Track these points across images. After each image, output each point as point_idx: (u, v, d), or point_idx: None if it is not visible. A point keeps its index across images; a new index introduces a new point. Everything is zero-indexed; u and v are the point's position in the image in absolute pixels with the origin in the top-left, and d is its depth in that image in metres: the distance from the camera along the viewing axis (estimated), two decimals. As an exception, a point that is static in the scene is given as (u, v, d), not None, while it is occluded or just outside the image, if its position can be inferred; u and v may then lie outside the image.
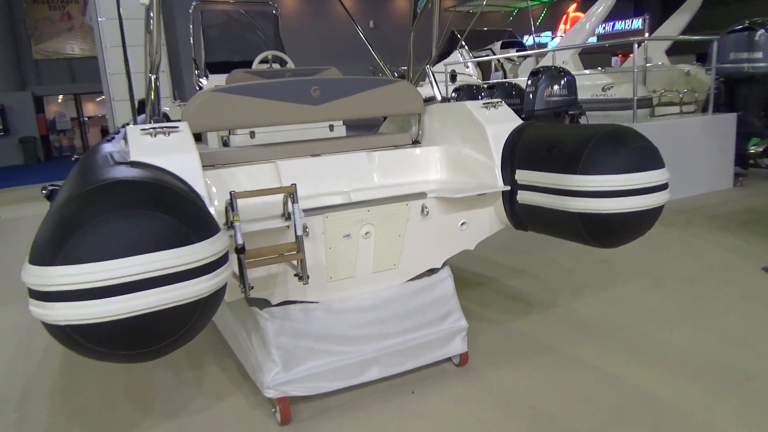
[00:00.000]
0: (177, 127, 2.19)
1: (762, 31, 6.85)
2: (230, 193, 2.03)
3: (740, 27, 7.02)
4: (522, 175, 2.55)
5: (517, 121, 2.75)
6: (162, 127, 2.17)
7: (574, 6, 16.85)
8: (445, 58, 11.51)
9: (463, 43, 11.15)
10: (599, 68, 8.39)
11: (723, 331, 3.09)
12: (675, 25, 9.21)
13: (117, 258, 1.47)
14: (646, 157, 2.31)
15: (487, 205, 2.74)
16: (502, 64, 11.61)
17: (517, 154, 2.60)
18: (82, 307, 1.47)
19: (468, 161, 2.79)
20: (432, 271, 2.77)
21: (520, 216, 2.64)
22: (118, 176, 1.66)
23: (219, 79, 4.12)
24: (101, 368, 3.08)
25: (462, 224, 2.70)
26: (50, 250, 1.48)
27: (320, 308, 2.50)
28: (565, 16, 17.45)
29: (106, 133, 33.28)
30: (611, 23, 17.54)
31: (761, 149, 7.13)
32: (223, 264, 1.70)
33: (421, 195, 2.53)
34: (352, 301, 2.56)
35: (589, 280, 3.98)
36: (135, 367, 3.07)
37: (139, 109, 6.05)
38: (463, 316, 2.80)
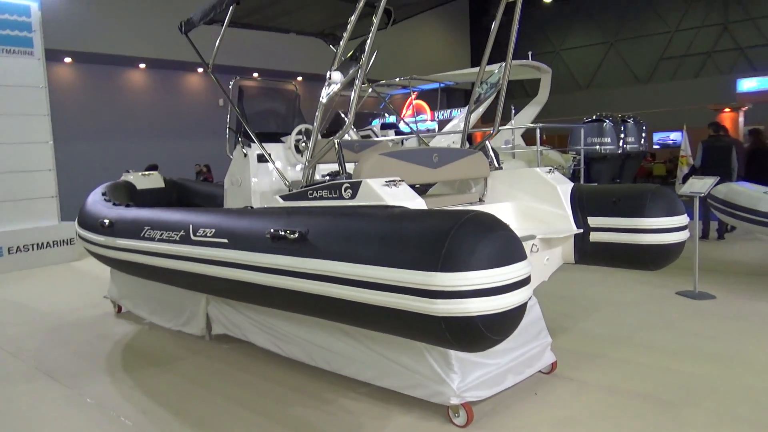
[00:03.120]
0: (401, 180, 2.80)
1: (608, 121, 9.05)
2: None
3: (592, 119, 9.20)
4: (594, 221, 3.49)
5: (570, 183, 3.72)
6: (392, 181, 2.76)
7: (415, 94, 19.19)
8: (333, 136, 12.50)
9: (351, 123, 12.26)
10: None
11: (684, 331, 4.29)
12: (528, 114, 11.38)
13: (504, 264, 2.07)
14: (680, 205, 3.42)
15: (559, 245, 3.62)
16: (383, 142, 12.97)
17: (585, 205, 3.54)
18: (491, 301, 2.02)
19: (540, 213, 3.67)
20: (523, 299, 3.53)
21: (590, 252, 3.55)
22: (466, 212, 2.24)
23: (258, 147, 4.51)
24: (234, 413, 3.22)
25: (546, 260, 3.54)
26: (463, 260, 2.02)
27: (473, 329, 3.10)
28: (408, 102, 19.79)
29: None
30: (449, 111, 20.36)
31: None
32: None
33: (532, 236, 3.33)
34: (490, 322, 3.20)
35: (570, 310, 5.01)
36: (269, 406, 3.26)
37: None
38: (548, 333, 3.58)
